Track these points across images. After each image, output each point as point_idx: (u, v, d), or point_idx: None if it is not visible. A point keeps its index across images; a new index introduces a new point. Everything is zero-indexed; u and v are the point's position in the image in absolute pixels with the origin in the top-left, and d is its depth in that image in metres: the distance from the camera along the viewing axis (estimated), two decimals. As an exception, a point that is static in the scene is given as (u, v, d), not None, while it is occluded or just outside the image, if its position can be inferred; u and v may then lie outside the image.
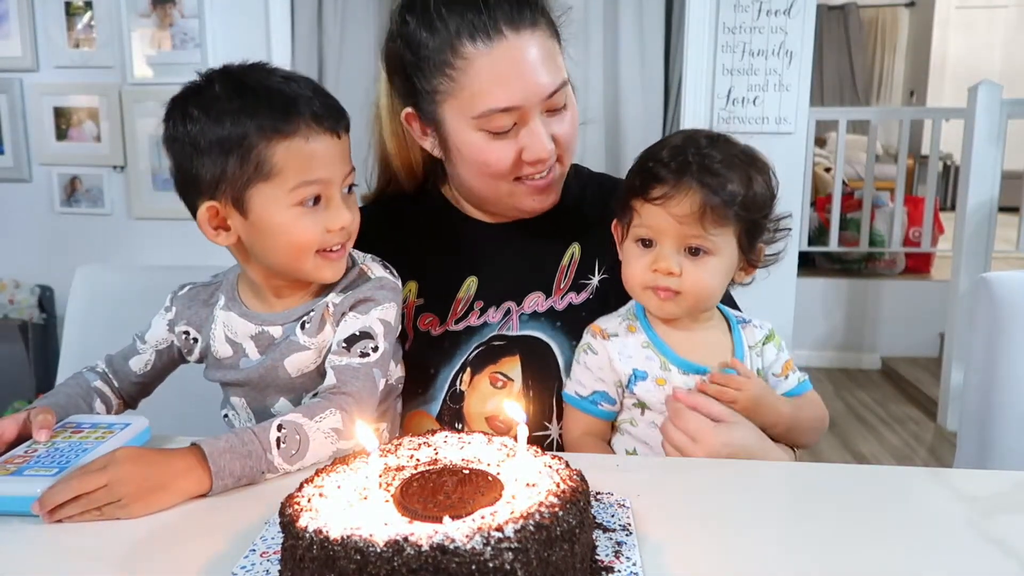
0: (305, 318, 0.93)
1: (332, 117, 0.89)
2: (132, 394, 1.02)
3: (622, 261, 0.99)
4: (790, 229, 0.99)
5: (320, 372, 0.93)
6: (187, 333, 1.00)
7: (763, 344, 1.02)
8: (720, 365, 0.96)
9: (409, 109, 1.03)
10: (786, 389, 1.01)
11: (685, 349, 0.97)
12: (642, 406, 0.97)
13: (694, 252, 0.92)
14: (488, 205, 1.09)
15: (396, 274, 0.99)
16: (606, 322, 1.02)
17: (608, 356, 0.98)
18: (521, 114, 0.96)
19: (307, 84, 0.90)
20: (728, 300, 1.09)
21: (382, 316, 0.92)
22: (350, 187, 0.93)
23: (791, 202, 2.97)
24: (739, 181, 0.91)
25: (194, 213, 0.90)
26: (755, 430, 0.94)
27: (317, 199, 0.88)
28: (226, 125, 0.84)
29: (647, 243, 0.95)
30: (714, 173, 0.90)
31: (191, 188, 0.89)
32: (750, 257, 0.96)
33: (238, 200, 0.87)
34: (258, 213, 0.87)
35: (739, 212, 0.91)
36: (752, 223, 0.93)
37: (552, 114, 0.99)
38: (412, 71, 0.98)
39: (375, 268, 0.97)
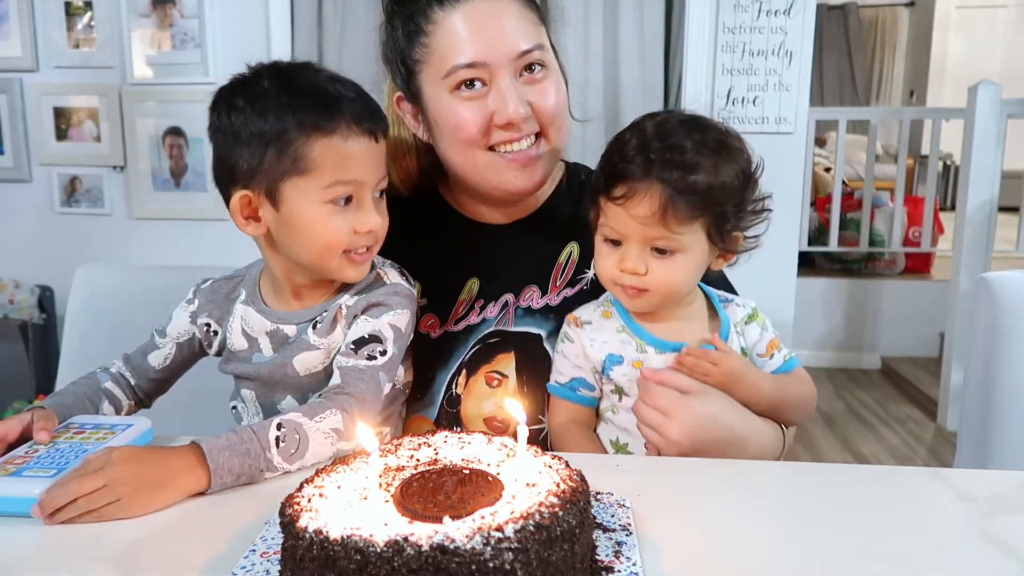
0: (317, 318, 0.94)
1: (372, 119, 0.90)
2: (149, 391, 1.03)
3: (595, 254, 0.98)
4: (770, 211, 0.96)
5: (328, 373, 0.93)
6: (208, 325, 1.01)
7: (745, 323, 1.00)
8: (700, 341, 0.95)
9: (398, 93, 1.05)
10: (772, 369, 0.99)
11: (664, 333, 0.97)
12: (620, 392, 0.97)
13: (660, 251, 0.91)
14: (472, 182, 1.06)
15: (412, 282, 0.99)
16: (582, 310, 1.02)
17: (581, 343, 0.98)
18: (489, 73, 0.97)
19: (352, 87, 0.91)
20: (723, 281, 1.08)
21: (393, 321, 0.93)
22: (382, 192, 0.94)
23: (791, 202, 2.97)
24: (704, 172, 0.87)
25: (228, 202, 0.91)
26: (730, 400, 0.92)
27: (349, 199, 0.89)
28: (269, 119, 0.86)
29: (614, 242, 0.93)
30: (676, 166, 0.87)
31: (227, 177, 0.90)
32: (724, 246, 0.94)
33: (272, 192, 0.88)
34: (290, 206, 0.88)
35: (705, 206, 0.88)
36: (720, 214, 0.90)
37: (529, 81, 0.99)
38: (397, 51, 1.02)
39: (392, 274, 0.98)
